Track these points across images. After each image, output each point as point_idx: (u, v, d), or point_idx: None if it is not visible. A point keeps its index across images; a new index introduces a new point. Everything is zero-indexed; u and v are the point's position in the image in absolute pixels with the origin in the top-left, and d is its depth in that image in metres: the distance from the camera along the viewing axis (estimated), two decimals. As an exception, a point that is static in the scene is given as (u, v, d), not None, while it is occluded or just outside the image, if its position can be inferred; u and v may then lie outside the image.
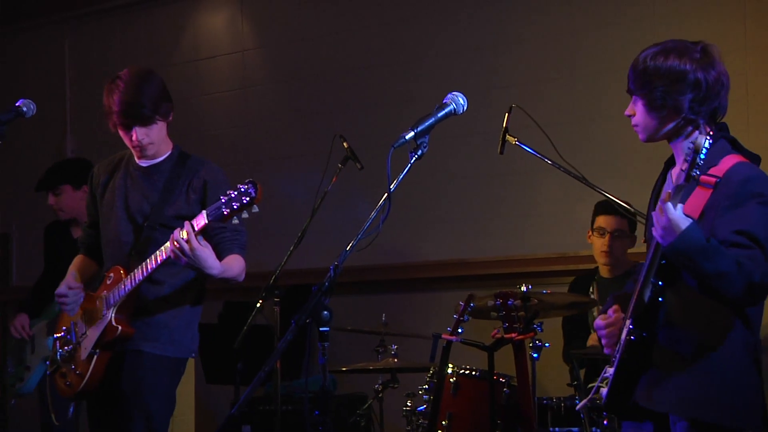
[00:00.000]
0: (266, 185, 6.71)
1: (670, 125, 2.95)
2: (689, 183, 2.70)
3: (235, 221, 3.48)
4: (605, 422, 4.18)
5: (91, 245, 4.06)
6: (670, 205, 2.69)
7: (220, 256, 3.71)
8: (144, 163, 3.92)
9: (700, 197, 2.80)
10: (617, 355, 2.92)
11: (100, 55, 7.58)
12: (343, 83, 6.67)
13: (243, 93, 7.07)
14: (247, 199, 3.39)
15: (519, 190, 6.04)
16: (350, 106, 6.60)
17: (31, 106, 3.63)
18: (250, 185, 3.41)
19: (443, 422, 4.34)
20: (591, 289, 5.07)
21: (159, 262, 3.66)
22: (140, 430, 3.75)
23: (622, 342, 2.90)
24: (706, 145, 2.69)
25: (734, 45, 5.41)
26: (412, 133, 2.81)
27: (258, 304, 4.93)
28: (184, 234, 3.51)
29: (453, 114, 2.94)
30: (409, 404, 4.80)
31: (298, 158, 6.72)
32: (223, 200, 3.44)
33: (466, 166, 6.18)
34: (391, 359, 5.04)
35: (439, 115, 2.90)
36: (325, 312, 2.73)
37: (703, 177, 2.79)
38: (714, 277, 2.71)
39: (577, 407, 3.65)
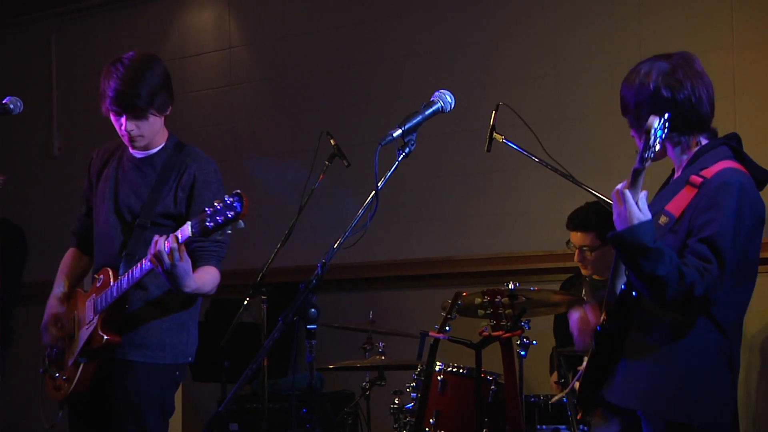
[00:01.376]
0: (253, 182, 6.78)
1: (674, 143, 2.94)
2: (642, 166, 2.67)
3: (219, 237, 3.32)
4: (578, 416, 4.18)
5: (84, 237, 3.82)
6: (628, 193, 2.67)
7: (195, 264, 3.51)
8: (138, 154, 3.68)
9: (684, 197, 2.80)
10: (591, 350, 2.95)
11: (86, 53, 7.55)
12: (330, 80, 6.66)
13: (229, 90, 7.06)
14: (232, 213, 3.16)
15: (506, 187, 6.05)
16: (337, 103, 6.60)
17: (18, 104, 3.58)
18: (235, 198, 3.17)
19: (430, 420, 4.35)
20: (584, 291, 5.06)
21: (145, 270, 3.43)
22: None
23: (593, 335, 2.94)
24: (656, 125, 2.64)
25: (721, 42, 5.43)
26: (399, 131, 2.80)
27: (245, 302, 4.93)
28: (165, 245, 3.30)
29: (440, 112, 2.93)
30: (397, 402, 4.80)
31: (284, 155, 6.71)
32: (208, 212, 3.21)
33: (454, 163, 6.18)
34: (378, 357, 5.04)
35: (427, 112, 2.89)
36: (313, 309, 2.72)
37: (692, 177, 2.78)
38: (648, 278, 2.70)
39: (552, 400, 3.64)
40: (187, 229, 3.29)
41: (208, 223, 3.19)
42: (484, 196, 6.12)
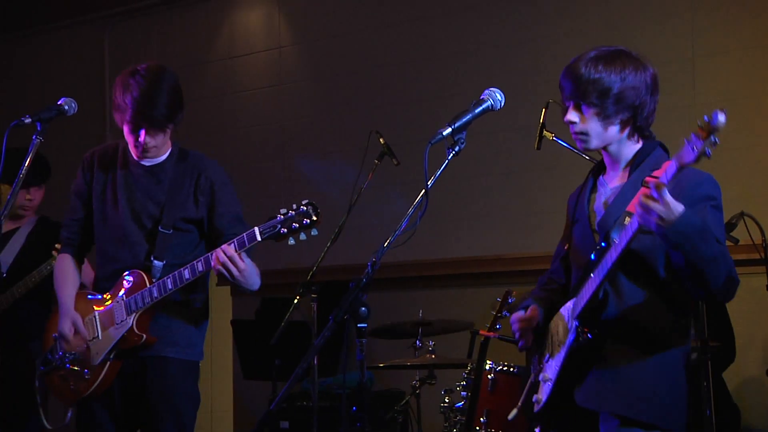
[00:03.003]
0: (302, 181, 6.80)
1: (624, 133, 2.93)
2: (696, 161, 2.57)
3: (291, 242, 3.43)
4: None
5: (79, 244, 3.86)
6: (666, 190, 2.60)
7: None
8: (147, 162, 3.75)
9: None
10: (559, 359, 2.90)
11: (138, 53, 7.63)
12: (379, 79, 6.67)
13: (278, 90, 7.09)
14: (308, 221, 3.38)
15: (556, 185, 5.99)
16: (386, 102, 6.60)
17: (73, 105, 3.61)
18: (310, 207, 3.39)
19: (481, 419, 4.34)
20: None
21: (197, 274, 3.56)
22: None
23: (566, 345, 2.88)
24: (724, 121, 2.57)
25: (682, 29, 5.40)
26: (449, 129, 2.80)
27: (295, 301, 4.95)
28: (229, 252, 3.45)
29: (490, 110, 2.92)
30: (447, 401, 4.79)
31: (333, 154, 6.73)
32: (279, 218, 3.39)
33: (504, 161, 6.16)
34: (428, 355, 5.03)
35: (477, 110, 2.88)
36: (363, 308, 2.72)
37: (648, 178, 2.74)
38: (709, 261, 2.66)
39: (509, 417, 3.57)
40: (255, 235, 3.43)
41: (281, 229, 3.37)
42: (534, 193, 6.08)
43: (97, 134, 7.70)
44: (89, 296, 3.79)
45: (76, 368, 3.71)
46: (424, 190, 2.77)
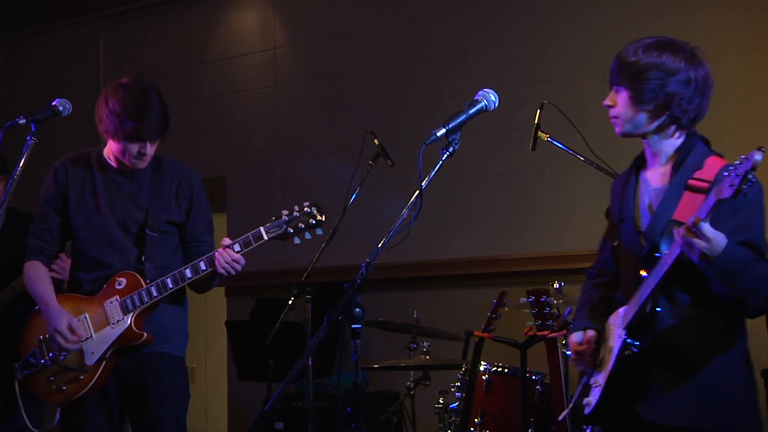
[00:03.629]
0: (297, 182, 6.80)
1: (655, 123, 2.92)
2: (734, 198, 2.56)
3: (297, 241, 3.63)
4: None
5: (51, 253, 3.90)
6: (707, 225, 2.61)
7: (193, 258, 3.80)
8: (127, 169, 3.87)
9: (691, 203, 2.75)
10: (609, 367, 2.89)
11: (134, 54, 7.64)
12: (374, 80, 6.67)
13: (274, 90, 7.09)
14: (314, 221, 3.60)
15: (551, 186, 6.01)
16: (381, 102, 6.60)
17: (67, 106, 3.62)
18: (314, 208, 3.61)
19: (475, 419, 4.34)
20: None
21: (200, 273, 3.69)
22: (172, 428, 3.78)
23: (615, 354, 2.87)
24: (759, 159, 2.55)
25: (677, 30, 5.39)
26: (443, 130, 2.80)
27: (290, 302, 4.95)
28: (234, 256, 3.64)
29: (484, 110, 2.92)
30: (441, 401, 4.79)
31: (328, 155, 6.73)
32: (285, 218, 3.61)
33: (498, 162, 6.16)
34: (422, 356, 5.03)
35: (471, 111, 2.88)
36: (357, 309, 2.73)
37: (691, 181, 2.74)
38: (749, 292, 2.69)
39: (559, 418, 3.59)
40: (262, 234, 3.62)
41: (287, 228, 3.60)
42: (529, 195, 6.09)
43: (92, 135, 7.70)
44: (75, 298, 3.82)
45: (68, 369, 3.74)
46: (418, 191, 2.77)
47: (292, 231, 3.61)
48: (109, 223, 3.80)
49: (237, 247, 3.65)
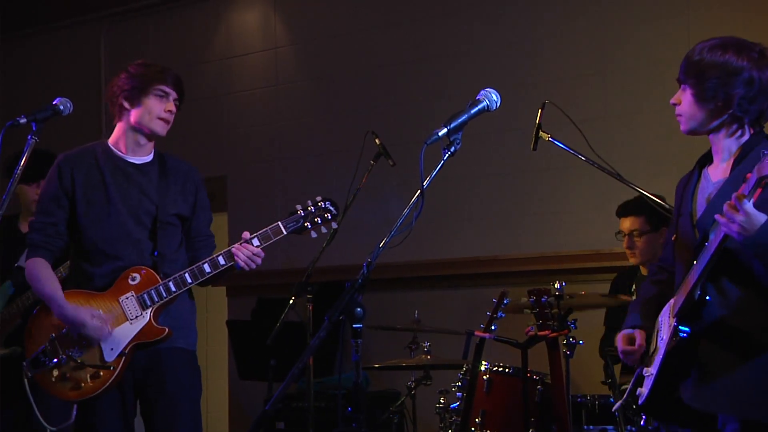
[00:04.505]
0: (297, 182, 6.79)
1: (716, 121, 2.93)
2: (765, 182, 2.62)
3: (314, 235, 3.78)
4: (642, 422, 4.15)
5: (55, 248, 3.85)
6: (747, 202, 2.63)
7: (205, 255, 3.85)
8: (136, 160, 3.87)
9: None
10: (660, 356, 2.89)
11: (134, 53, 7.62)
12: (375, 80, 6.67)
13: (275, 90, 7.09)
14: (329, 215, 3.77)
15: (552, 186, 6.01)
16: (382, 102, 6.60)
17: (68, 105, 3.60)
18: (328, 202, 3.77)
19: (476, 419, 4.33)
20: (633, 288, 5.04)
21: (219, 268, 3.72)
22: (189, 423, 3.81)
23: (665, 342, 2.88)
24: None
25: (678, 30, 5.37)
26: (444, 130, 2.80)
27: (291, 301, 4.95)
28: (254, 250, 3.71)
29: (486, 110, 2.92)
30: (442, 401, 4.79)
31: (329, 155, 6.73)
32: (301, 213, 3.74)
33: (500, 162, 6.16)
34: (423, 356, 5.03)
35: (472, 111, 2.88)
36: (358, 309, 2.73)
37: (748, 174, 2.75)
38: None
39: (613, 409, 3.64)
40: (280, 228, 3.73)
41: (305, 223, 3.74)
42: (531, 195, 6.08)
43: (92, 134, 7.70)
44: (83, 294, 3.78)
45: (86, 366, 3.71)
46: (419, 191, 2.77)
47: (309, 225, 3.75)
48: (122, 215, 3.79)
49: (256, 242, 3.72)
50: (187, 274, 3.73)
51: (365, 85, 6.70)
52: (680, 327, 2.82)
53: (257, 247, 3.71)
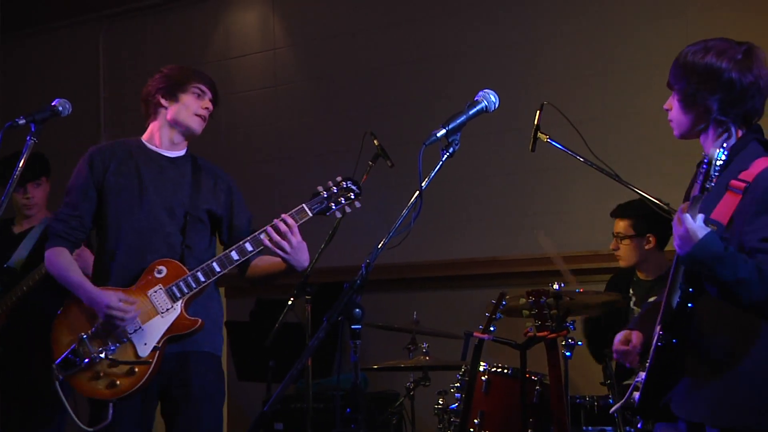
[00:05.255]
0: (296, 183, 6.79)
1: (700, 125, 2.90)
2: (704, 194, 2.66)
3: (339, 215, 3.77)
4: (639, 424, 4.15)
5: (76, 240, 3.82)
6: (687, 216, 2.63)
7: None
8: (171, 154, 3.90)
9: (729, 203, 2.73)
10: (648, 362, 2.90)
11: (133, 54, 7.63)
12: (373, 80, 6.67)
13: (274, 91, 7.09)
14: (353, 195, 3.76)
15: (551, 187, 6.01)
16: (381, 103, 6.60)
17: (67, 106, 3.60)
18: (350, 182, 3.76)
19: (475, 420, 4.34)
20: (630, 291, 5.03)
21: (246, 254, 3.70)
22: (212, 430, 3.77)
23: (652, 348, 2.87)
24: (722, 157, 2.66)
25: (676, 30, 5.37)
26: (443, 131, 2.80)
27: (289, 302, 4.95)
28: (290, 221, 3.69)
29: (485, 111, 2.92)
30: (441, 402, 4.79)
31: (328, 155, 6.73)
32: (324, 195, 3.73)
33: (498, 163, 6.16)
34: (422, 357, 5.03)
35: (471, 112, 2.88)
36: (357, 309, 2.73)
37: (733, 182, 2.72)
38: (732, 284, 2.64)
39: (612, 410, 3.64)
40: (305, 210, 3.72)
41: (329, 203, 3.74)
42: (529, 196, 6.08)
43: (91, 135, 7.70)
44: (110, 290, 3.71)
45: (119, 363, 3.65)
46: (418, 192, 2.77)
47: (334, 206, 3.75)
48: (155, 206, 3.77)
49: (288, 225, 3.71)
50: (215, 263, 3.69)
51: (364, 86, 6.70)
52: (660, 333, 2.81)
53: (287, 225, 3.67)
